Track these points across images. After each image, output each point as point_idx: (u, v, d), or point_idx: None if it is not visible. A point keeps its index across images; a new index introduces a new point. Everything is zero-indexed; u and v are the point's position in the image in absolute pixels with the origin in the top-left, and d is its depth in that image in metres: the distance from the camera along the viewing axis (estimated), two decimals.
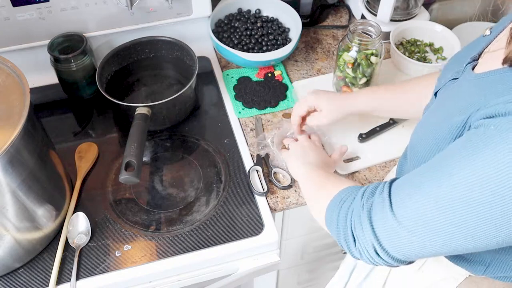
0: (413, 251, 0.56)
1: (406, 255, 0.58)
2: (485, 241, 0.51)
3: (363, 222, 0.59)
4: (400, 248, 0.57)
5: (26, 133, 0.70)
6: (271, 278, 1.17)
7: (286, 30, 1.17)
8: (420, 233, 0.54)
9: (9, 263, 0.80)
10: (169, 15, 1.08)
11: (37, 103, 1.07)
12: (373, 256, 0.60)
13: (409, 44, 1.17)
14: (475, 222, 0.50)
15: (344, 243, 0.64)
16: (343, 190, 0.67)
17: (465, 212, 0.50)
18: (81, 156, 0.96)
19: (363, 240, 0.60)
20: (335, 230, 0.65)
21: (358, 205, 0.61)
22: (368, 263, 0.62)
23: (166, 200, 0.91)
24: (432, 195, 0.53)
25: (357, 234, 0.61)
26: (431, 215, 0.53)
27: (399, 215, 0.56)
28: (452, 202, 0.51)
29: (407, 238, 0.55)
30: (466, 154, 0.51)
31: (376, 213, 0.58)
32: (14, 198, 0.73)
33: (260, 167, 0.94)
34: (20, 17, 0.97)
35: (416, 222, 0.54)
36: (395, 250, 0.57)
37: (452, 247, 0.53)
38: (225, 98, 1.08)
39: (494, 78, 0.55)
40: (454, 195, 0.51)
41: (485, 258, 0.66)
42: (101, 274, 0.81)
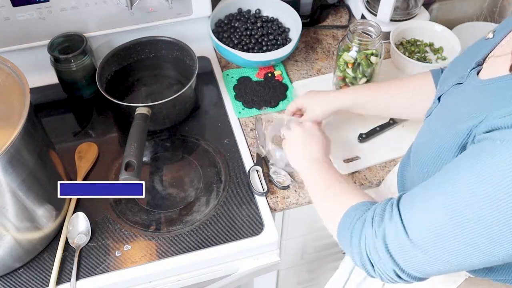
0: (433, 269, 0.57)
1: (426, 273, 0.58)
2: (499, 256, 0.51)
3: (379, 250, 0.59)
4: (419, 268, 0.57)
5: (26, 133, 0.70)
6: (271, 278, 1.17)
7: (286, 30, 1.17)
8: (436, 253, 0.54)
9: (9, 263, 0.80)
10: (169, 15, 1.08)
11: (37, 103, 1.07)
12: (394, 278, 0.60)
13: (409, 44, 1.17)
14: (487, 240, 0.50)
15: (362, 267, 0.63)
16: (351, 209, 0.66)
17: (476, 231, 0.50)
18: (81, 156, 0.96)
19: (381, 266, 0.60)
20: (349, 253, 0.65)
21: (370, 232, 0.60)
22: (388, 283, 0.62)
23: (166, 200, 0.91)
24: (442, 215, 0.53)
25: (374, 261, 0.60)
26: (443, 234, 0.53)
27: (414, 237, 0.55)
28: (462, 221, 0.51)
29: (425, 259, 0.55)
30: (474, 171, 0.51)
31: (390, 239, 0.58)
32: (14, 198, 0.73)
33: (260, 167, 0.94)
34: (20, 17, 0.97)
35: (430, 242, 0.54)
36: (415, 271, 0.58)
37: (468, 264, 0.54)
38: (225, 98, 1.08)
39: (500, 85, 0.55)
40: (464, 214, 0.51)
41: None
42: (101, 274, 0.81)
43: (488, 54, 0.63)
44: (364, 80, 1.01)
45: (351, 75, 1.01)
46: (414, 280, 0.60)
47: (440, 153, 0.60)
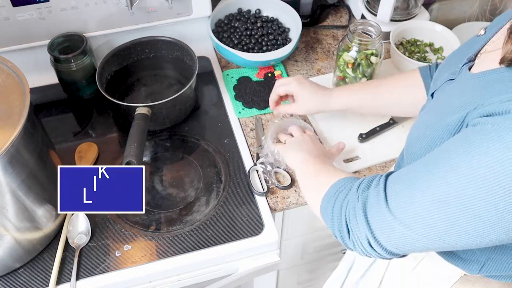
0: (407, 245, 0.57)
1: (399, 248, 0.58)
2: (478, 238, 0.51)
3: (358, 214, 0.60)
4: (394, 241, 0.57)
5: (26, 133, 0.70)
6: (271, 278, 1.17)
7: (286, 30, 1.17)
8: (414, 227, 0.54)
9: (9, 263, 0.80)
10: (169, 15, 1.08)
11: (37, 103, 1.07)
12: (366, 247, 0.60)
13: (409, 44, 1.17)
14: (469, 219, 0.50)
15: (338, 234, 0.64)
16: (339, 181, 0.67)
17: (459, 209, 0.50)
18: (81, 156, 0.96)
19: (357, 231, 0.60)
20: (329, 220, 0.65)
21: (353, 197, 0.62)
22: (361, 254, 0.63)
23: (166, 200, 0.91)
24: (427, 191, 0.53)
25: (352, 226, 0.61)
26: (426, 211, 0.53)
27: (394, 209, 0.56)
28: (446, 199, 0.51)
29: (401, 232, 0.56)
30: (462, 151, 0.51)
31: (371, 205, 0.59)
32: (14, 198, 0.73)
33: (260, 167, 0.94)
34: (20, 17, 0.97)
35: (411, 216, 0.54)
36: (389, 243, 0.58)
37: (446, 243, 0.54)
38: (225, 98, 1.08)
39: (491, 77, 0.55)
40: (448, 192, 0.51)
41: (480, 257, 0.66)
42: (101, 274, 0.81)
43: (480, 50, 0.63)
44: (364, 80, 1.01)
45: (351, 75, 1.01)
46: (385, 253, 0.60)
47: (432, 145, 0.60)
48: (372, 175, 0.64)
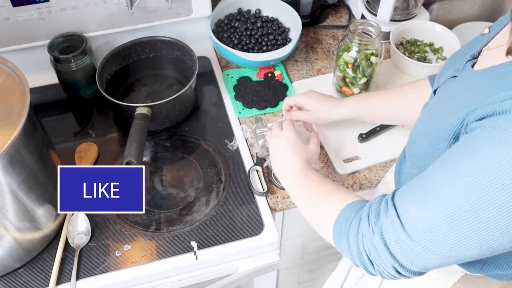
0: (432, 263, 0.56)
1: (426, 268, 0.58)
2: (499, 246, 0.51)
3: (378, 246, 0.58)
4: (419, 262, 0.57)
5: (26, 133, 0.70)
6: (271, 278, 1.17)
7: (286, 30, 1.17)
8: (435, 247, 0.54)
9: (9, 263, 0.80)
10: (169, 15, 1.08)
11: (37, 103, 1.07)
12: (394, 274, 0.60)
13: (409, 44, 1.17)
14: (485, 229, 0.50)
15: (361, 266, 0.63)
16: (345, 210, 0.65)
17: (473, 220, 0.50)
18: (81, 156, 0.96)
19: (381, 263, 0.59)
20: (349, 255, 0.64)
21: (367, 229, 0.60)
22: (392, 279, 0.62)
23: (166, 200, 0.91)
24: (437, 207, 0.53)
25: (374, 258, 0.60)
26: (441, 228, 0.52)
27: (411, 231, 0.55)
28: (459, 212, 0.51)
29: (423, 254, 0.55)
30: (467, 159, 0.50)
31: (388, 235, 0.57)
32: (14, 198, 0.73)
33: (260, 167, 0.94)
34: (20, 17, 0.97)
35: (429, 236, 0.54)
36: (415, 265, 0.57)
37: (469, 255, 0.53)
38: (225, 98, 1.08)
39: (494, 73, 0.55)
40: (459, 204, 0.50)
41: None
42: (101, 274, 0.81)
43: (483, 48, 0.63)
44: (364, 80, 1.01)
45: (351, 75, 1.01)
46: (413, 275, 0.59)
47: (434, 143, 0.60)
48: (378, 199, 0.62)
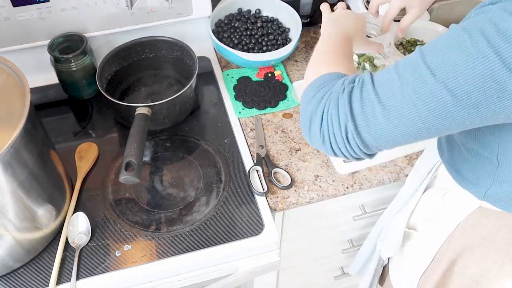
0: (385, 130, 0.58)
1: (376, 137, 0.59)
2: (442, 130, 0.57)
3: (341, 102, 0.60)
4: (373, 127, 0.59)
5: (26, 133, 0.70)
6: (271, 278, 1.17)
7: (286, 30, 1.17)
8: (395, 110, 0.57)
9: (9, 263, 0.80)
10: (169, 15, 1.08)
11: (37, 103, 1.07)
12: (338, 139, 0.61)
13: (409, 44, 1.17)
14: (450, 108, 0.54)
15: (307, 124, 0.64)
16: (325, 75, 0.66)
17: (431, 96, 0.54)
18: (81, 156, 0.96)
19: (335, 119, 0.60)
20: (304, 107, 0.66)
21: (338, 89, 0.62)
22: (327, 150, 0.63)
23: (166, 200, 0.91)
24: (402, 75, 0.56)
25: (329, 114, 0.61)
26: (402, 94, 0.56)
27: (380, 91, 0.58)
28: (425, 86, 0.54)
29: (382, 115, 0.57)
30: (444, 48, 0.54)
31: (356, 93, 0.60)
32: (14, 198, 0.73)
33: (260, 167, 0.94)
34: (20, 17, 0.97)
35: (394, 98, 0.57)
36: (368, 131, 0.59)
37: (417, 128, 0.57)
38: (225, 98, 1.08)
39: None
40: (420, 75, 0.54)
41: (487, 181, 0.72)
42: (101, 274, 0.81)
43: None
44: None
45: None
46: (362, 148, 0.61)
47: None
48: (357, 74, 0.64)
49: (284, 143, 1.00)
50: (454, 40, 0.54)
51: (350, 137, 0.60)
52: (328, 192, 0.92)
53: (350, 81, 0.62)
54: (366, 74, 0.61)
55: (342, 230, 1.15)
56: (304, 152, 0.98)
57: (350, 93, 0.60)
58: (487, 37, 0.51)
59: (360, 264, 1.12)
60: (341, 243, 1.21)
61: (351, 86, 0.61)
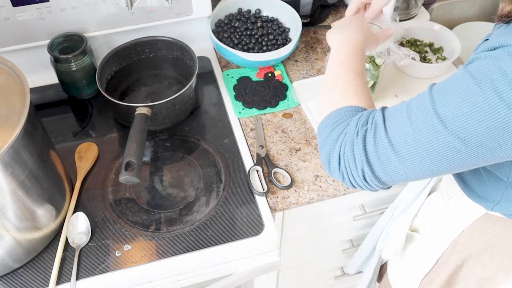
0: (400, 173, 0.61)
1: (391, 178, 0.62)
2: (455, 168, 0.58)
3: (356, 147, 0.62)
4: (389, 171, 0.61)
5: (26, 133, 0.70)
6: (271, 278, 1.17)
7: (286, 30, 1.17)
8: (409, 157, 0.58)
9: (9, 263, 0.80)
10: (169, 15, 1.08)
11: (37, 103, 1.07)
12: (357, 179, 0.63)
13: (409, 44, 1.17)
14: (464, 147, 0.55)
15: (327, 162, 0.67)
16: (339, 111, 0.68)
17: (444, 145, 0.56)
18: (81, 156, 0.96)
19: (351, 164, 0.63)
20: (321, 143, 0.68)
21: (352, 131, 0.64)
22: (347, 185, 0.66)
23: (166, 200, 0.91)
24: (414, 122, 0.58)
25: (346, 158, 0.64)
26: (415, 141, 0.57)
27: (393, 138, 0.59)
28: (436, 135, 0.55)
29: (396, 161, 0.59)
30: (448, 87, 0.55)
31: (369, 138, 0.62)
32: (14, 198, 0.73)
33: (260, 167, 0.94)
34: (20, 17, 0.97)
35: (407, 146, 0.58)
36: (384, 173, 0.61)
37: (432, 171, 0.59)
38: (225, 98, 1.08)
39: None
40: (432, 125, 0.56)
41: (495, 196, 0.72)
42: (101, 274, 0.81)
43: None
44: (371, 83, 1.01)
45: None
46: (378, 185, 0.63)
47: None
48: (369, 110, 0.66)
49: (284, 143, 1.00)
50: (464, 91, 0.54)
51: (367, 178, 0.63)
52: (328, 192, 0.92)
53: (364, 123, 0.63)
54: (378, 115, 0.63)
55: (342, 230, 1.15)
56: (304, 152, 0.98)
57: (364, 138, 0.62)
58: (497, 91, 0.51)
59: (358, 264, 1.12)
60: (341, 243, 1.21)
61: (364, 129, 0.62)
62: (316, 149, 0.99)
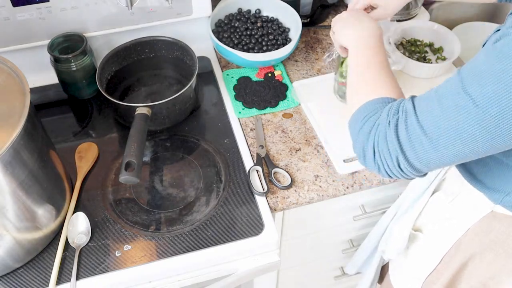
0: (434, 159, 0.61)
1: (426, 164, 0.62)
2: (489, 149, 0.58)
3: (389, 136, 0.63)
4: (423, 157, 0.61)
5: (26, 133, 0.70)
6: (271, 278, 1.17)
7: (286, 30, 1.17)
8: (442, 141, 0.59)
9: (9, 263, 0.80)
10: (169, 15, 1.08)
11: (37, 103, 1.07)
12: (393, 169, 0.64)
13: (409, 44, 1.17)
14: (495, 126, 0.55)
15: (362, 155, 0.68)
16: (368, 104, 0.69)
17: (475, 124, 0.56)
18: (81, 156, 0.96)
19: (386, 154, 0.64)
20: (354, 137, 0.70)
21: (384, 121, 0.65)
22: (383, 176, 0.67)
23: (166, 200, 0.91)
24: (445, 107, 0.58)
25: (380, 149, 0.65)
26: (447, 125, 0.58)
27: (424, 124, 0.60)
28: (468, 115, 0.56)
29: (430, 146, 0.60)
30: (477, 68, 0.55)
31: (401, 126, 0.62)
32: (14, 198, 0.73)
33: (260, 167, 0.94)
34: (20, 17, 0.97)
35: (439, 130, 0.59)
36: (419, 160, 0.62)
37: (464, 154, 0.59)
38: (225, 98, 1.08)
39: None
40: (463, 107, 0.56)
41: (506, 187, 0.72)
42: (101, 274, 0.81)
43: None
44: None
45: None
46: (414, 173, 0.64)
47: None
48: (399, 100, 0.66)
49: (284, 143, 1.00)
50: (493, 68, 0.54)
51: (402, 167, 0.64)
52: (328, 192, 0.92)
53: (394, 112, 0.64)
54: (408, 103, 0.64)
55: (342, 230, 1.15)
56: (304, 152, 0.98)
57: (396, 126, 0.63)
58: None
59: (359, 264, 1.12)
60: (341, 243, 1.21)
61: (396, 118, 0.63)
62: (316, 149, 0.99)
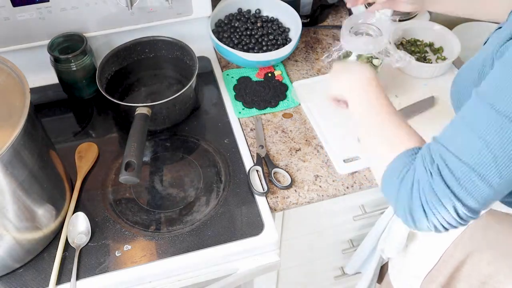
0: (489, 194, 0.57)
1: (484, 203, 0.58)
2: None
3: (437, 187, 0.58)
4: (478, 195, 0.57)
5: (26, 133, 0.70)
6: (271, 278, 1.17)
7: (286, 30, 1.17)
8: (492, 172, 0.56)
9: (9, 263, 0.80)
10: (169, 15, 1.08)
11: (37, 103, 1.07)
12: (450, 220, 0.59)
13: (409, 44, 1.17)
14: None
15: (410, 219, 0.62)
16: (395, 163, 0.64)
17: None
18: (81, 156, 0.96)
19: (440, 207, 0.59)
20: (394, 201, 0.63)
21: (423, 176, 0.59)
22: (441, 231, 0.62)
23: (166, 200, 0.91)
24: (482, 134, 0.55)
25: (431, 205, 0.59)
26: (492, 153, 0.55)
27: (468, 160, 0.56)
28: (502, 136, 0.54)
29: (481, 182, 0.56)
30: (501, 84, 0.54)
31: (445, 172, 0.58)
32: (14, 198, 0.73)
33: (260, 167, 0.94)
34: (20, 17, 0.97)
35: (483, 160, 0.55)
36: (474, 200, 0.58)
37: None
38: (225, 98, 1.08)
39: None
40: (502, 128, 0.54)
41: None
42: (101, 274, 0.81)
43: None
44: None
45: None
46: (473, 215, 0.59)
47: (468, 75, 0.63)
48: (425, 145, 0.62)
49: (284, 143, 1.00)
50: None
51: (461, 214, 0.59)
52: (328, 192, 0.92)
53: (431, 161, 0.59)
54: (437, 146, 0.60)
55: (342, 230, 1.15)
56: (304, 152, 0.98)
57: (440, 175, 0.58)
58: None
59: (358, 264, 1.12)
60: (341, 243, 1.21)
61: (435, 166, 0.59)
62: (316, 149, 0.99)
